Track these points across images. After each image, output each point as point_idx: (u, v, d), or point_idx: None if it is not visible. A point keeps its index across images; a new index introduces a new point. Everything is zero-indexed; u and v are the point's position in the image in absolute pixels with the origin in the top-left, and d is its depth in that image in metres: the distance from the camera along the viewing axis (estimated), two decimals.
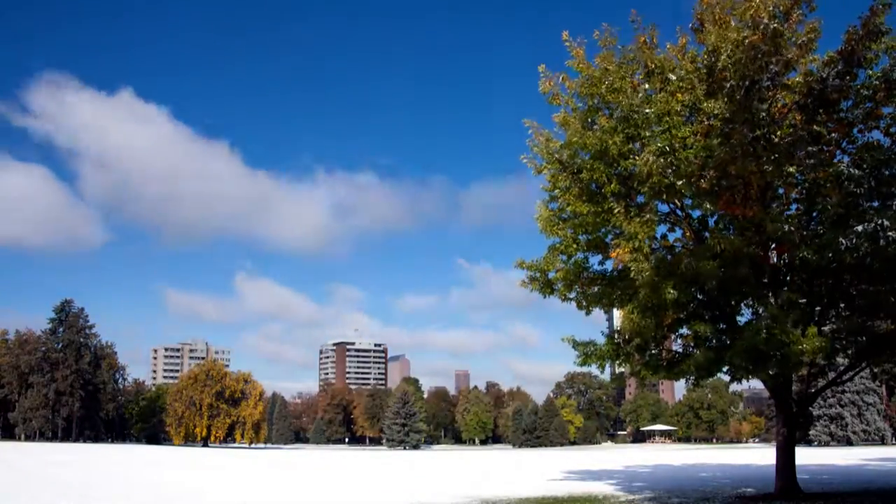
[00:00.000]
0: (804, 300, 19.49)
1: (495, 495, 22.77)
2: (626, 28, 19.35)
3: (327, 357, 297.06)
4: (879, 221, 17.36)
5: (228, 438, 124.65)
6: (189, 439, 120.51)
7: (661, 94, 17.93)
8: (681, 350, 20.96)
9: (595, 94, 18.32)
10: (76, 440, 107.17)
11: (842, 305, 19.49)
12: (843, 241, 17.20)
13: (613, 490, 24.51)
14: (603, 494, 22.73)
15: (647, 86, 18.43)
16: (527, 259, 20.86)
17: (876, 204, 18.12)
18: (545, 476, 33.25)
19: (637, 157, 17.27)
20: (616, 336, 20.87)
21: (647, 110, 17.46)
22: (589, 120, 18.56)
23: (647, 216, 17.86)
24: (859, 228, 17.56)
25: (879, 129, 18.16)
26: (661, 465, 45.47)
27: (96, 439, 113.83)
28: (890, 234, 16.98)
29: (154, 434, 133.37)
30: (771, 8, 16.72)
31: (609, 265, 20.16)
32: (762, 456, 50.75)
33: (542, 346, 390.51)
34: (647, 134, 17.43)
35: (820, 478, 27.85)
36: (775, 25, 16.38)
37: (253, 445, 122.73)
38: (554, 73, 19.18)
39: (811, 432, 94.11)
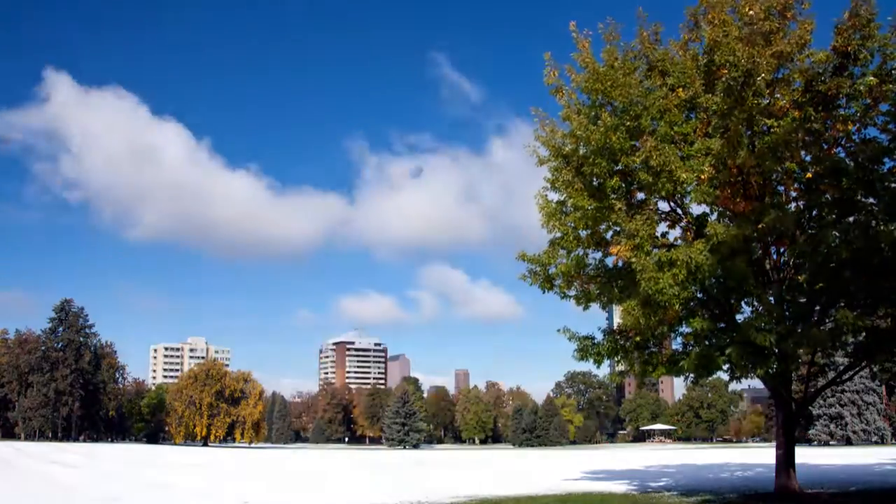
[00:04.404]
0: (804, 299, 19.43)
1: (494, 494, 22.74)
2: (633, 22, 19.36)
3: (327, 357, 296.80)
4: (871, 209, 17.33)
5: (228, 438, 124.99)
6: (189, 438, 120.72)
7: (661, 89, 17.90)
8: (680, 348, 20.89)
9: (599, 91, 18.24)
10: (76, 439, 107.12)
11: (842, 304, 19.41)
12: (837, 234, 17.18)
13: (626, 489, 24.44)
14: (602, 494, 22.71)
15: (647, 82, 18.40)
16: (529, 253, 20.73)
17: (874, 201, 18.10)
18: (557, 476, 33.08)
19: (638, 155, 17.23)
20: (615, 332, 20.79)
21: (648, 103, 17.45)
22: (593, 114, 18.49)
23: (647, 213, 17.81)
24: (852, 219, 17.54)
25: (876, 125, 18.15)
26: (670, 465, 45.37)
27: (97, 439, 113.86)
28: (881, 225, 16.94)
29: (154, 433, 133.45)
30: (766, 6, 16.74)
31: (609, 261, 20.03)
32: (765, 455, 50.67)
33: None
34: (647, 123, 17.37)
35: (820, 477, 27.80)
36: (769, 23, 16.38)
37: (253, 445, 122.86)
38: (559, 64, 19.07)
39: (811, 432, 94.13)
